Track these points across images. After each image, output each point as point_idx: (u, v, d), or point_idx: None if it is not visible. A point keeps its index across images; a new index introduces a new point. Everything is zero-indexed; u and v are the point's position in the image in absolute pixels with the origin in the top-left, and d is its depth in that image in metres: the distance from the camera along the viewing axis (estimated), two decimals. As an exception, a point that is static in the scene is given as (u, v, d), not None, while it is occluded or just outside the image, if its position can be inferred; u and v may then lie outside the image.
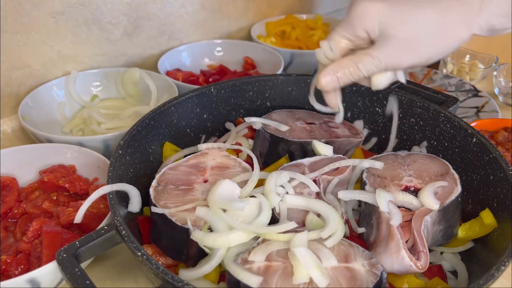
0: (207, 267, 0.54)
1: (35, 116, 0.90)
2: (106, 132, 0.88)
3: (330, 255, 0.52)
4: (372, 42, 0.58)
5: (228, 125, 0.82)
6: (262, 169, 0.71)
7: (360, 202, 0.65)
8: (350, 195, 0.62)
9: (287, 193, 0.62)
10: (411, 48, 0.55)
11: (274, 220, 0.59)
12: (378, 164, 0.66)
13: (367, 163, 0.67)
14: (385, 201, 0.58)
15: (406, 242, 0.57)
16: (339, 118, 0.71)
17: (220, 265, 0.55)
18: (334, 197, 0.64)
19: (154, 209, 0.59)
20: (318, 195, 0.64)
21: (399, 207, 0.60)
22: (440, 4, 0.54)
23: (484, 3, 0.53)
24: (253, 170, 0.65)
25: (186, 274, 0.55)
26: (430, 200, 0.58)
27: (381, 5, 0.55)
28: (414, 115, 0.75)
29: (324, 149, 0.71)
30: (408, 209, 0.61)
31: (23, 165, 0.76)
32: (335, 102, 0.66)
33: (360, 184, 0.67)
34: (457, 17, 0.54)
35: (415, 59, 0.56)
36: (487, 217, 0.60)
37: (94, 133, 0.90)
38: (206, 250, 0.56)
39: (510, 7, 0.53)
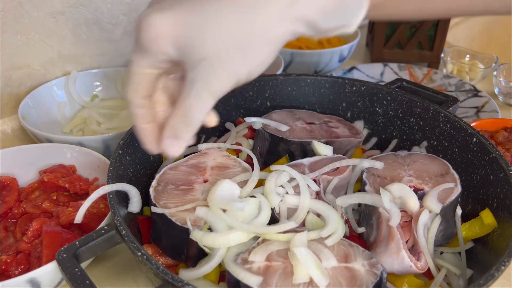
0: (207, 267, 0.54)
1: (35, 116, 0.90)
2: (106, 132, 0.88)
3: (330, 255, 0.52)
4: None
5: (228, 125, 0.82)
6: (262, 169, 0.71)
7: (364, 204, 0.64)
8: (348, 200, 0.62)
9: (287, 193, 0.62)
10: (225, 67, 0.44)
11: (274, 220, 0.59)
12: (378, 164, 0.66)
13: (367, 163, 0.67)
14: (389, 200, 0.58)
15: (406, 242, 0.57)
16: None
17: (220, 265, 0.55)
18: (334, 197, 0.64)
19: (154, 209, 0.59)
20: (318, 195, 0.64)
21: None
22: (244, 3, 0.42)
23: None
24: (253, 170, 0.65)
25: (186, 274, 0.55)
26: (432, 204, 0.58)
27: (171, 18, 0.42)
28: (414, 115, 0.75)
29: (324, 149, 0.71)
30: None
31: (23, 165, 0.76)
32: None
33: (360, 184, 0.67)
34: (265, 18, 0.42)
35: (234, 78, 0.45)
36: (487, 217, 0.60)
37: (94, 133, 0.90)
38: (206, 250, 0.55)
39: (329, 2, 0.43)
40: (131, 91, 0.49)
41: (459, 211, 0.61)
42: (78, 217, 0.59)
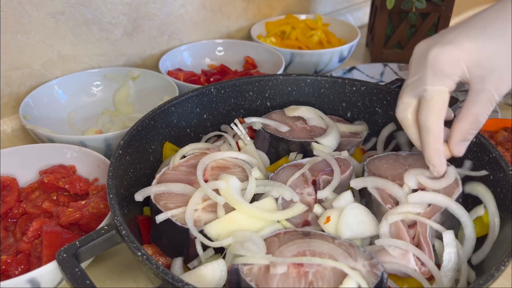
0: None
1: (36, 116, 0.90)
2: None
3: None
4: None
5: (224, 127, 0.81)
6: (262, 169, 0.71)
7: (365, 202, 0.64)
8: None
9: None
10: (510, 73, 0.54)
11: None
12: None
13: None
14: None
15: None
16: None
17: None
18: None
19: (159, 218, 0.58)
20: (316, 195, 0.64)
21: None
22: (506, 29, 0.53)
23: None
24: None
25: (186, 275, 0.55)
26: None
27: (467, 46, 0.54)
28: (414, 115, 0.75)
29: (324, 149, 0.71)
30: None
31: (23, 165, 0.76)
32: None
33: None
34: None
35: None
36: (487, 217, 0.60)
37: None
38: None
39: None
40: (436, 119, 0.56)
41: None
42: None
